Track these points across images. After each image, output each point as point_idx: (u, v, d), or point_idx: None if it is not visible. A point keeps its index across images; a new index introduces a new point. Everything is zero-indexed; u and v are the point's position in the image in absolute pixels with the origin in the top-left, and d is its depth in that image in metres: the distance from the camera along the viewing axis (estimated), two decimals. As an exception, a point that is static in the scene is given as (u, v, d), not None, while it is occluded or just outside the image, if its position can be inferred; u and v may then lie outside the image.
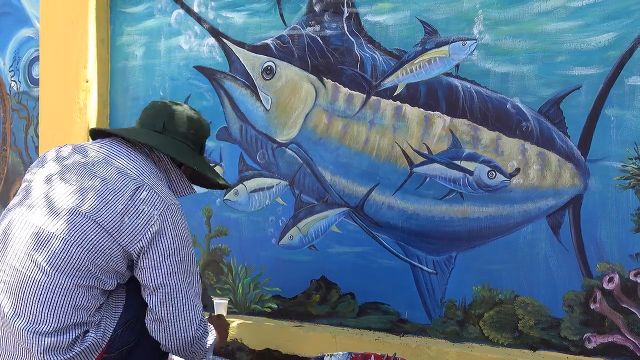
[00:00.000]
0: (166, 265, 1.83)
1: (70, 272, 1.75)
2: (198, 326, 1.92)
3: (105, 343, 1.86)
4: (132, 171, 1.86)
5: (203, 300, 2.09)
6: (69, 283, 1.75)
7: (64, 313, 1.75)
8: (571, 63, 2.29)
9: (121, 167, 1.86)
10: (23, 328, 1.73)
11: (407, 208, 2.55)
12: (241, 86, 2.84)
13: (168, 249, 1.83)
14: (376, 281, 2.61)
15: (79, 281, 1.76)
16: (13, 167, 3.68)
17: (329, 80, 2.66)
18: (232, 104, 2.86)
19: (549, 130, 2.33)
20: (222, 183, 2.18)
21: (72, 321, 1.76)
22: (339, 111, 2.64)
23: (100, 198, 1.79)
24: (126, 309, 1.92)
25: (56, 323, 1.74)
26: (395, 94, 2.55)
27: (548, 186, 2.35)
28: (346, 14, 2.63)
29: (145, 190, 1.82)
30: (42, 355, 1.73)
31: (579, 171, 2.30)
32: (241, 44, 2.85)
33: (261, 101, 2.80)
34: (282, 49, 2.75)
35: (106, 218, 1.77)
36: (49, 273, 1.74)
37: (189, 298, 1.89)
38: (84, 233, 1.76)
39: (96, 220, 1.77)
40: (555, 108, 2.32)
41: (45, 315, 1.74)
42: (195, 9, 2.95)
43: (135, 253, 1.81)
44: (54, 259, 1.74)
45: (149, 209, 1.80)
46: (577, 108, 2.29)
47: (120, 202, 1.79)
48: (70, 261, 1.75)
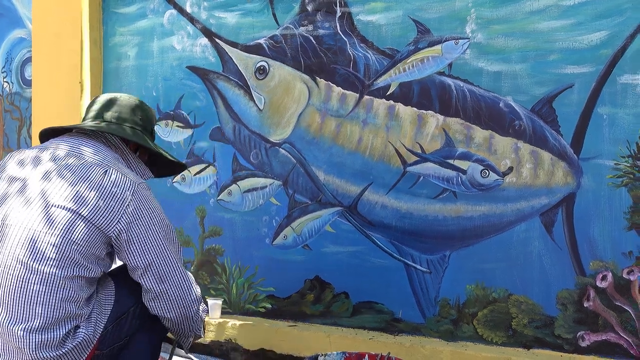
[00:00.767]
0: (151, 240, 1.89)
1: (52, 264, 1.75)
2: (195, 289, 2.01)
3: (96, 339, 1.86)
4: (95, 158, 1.91)
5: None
6: (53, 276, 1.75)
7: (52, 307, 1.75)
8: (563, 61, 2.30)
9: (85, 156, 1.90)
10: (13, 327, 1.73)
11: (401, 207, 2.54)
12: (234, 86, 2.83)
13: (148, 225, 1.89)
14: (370, 280, 2.61)
15: (63, 272, 1.76)
16: (6, 169, 3.66)
17: (322, 79, 2.66)
18: (225, 104, 2.85)
19: (542, 128, 2.33)
20: (177, 161, 2.23)
21: (61, 315, 1.76)
22: (332, 111, 2.64)
23: (71, 187, 1.82)
24: (116, 305, 1.93)
25: (45, 318, 1.74)
26: (388, 93, 2.55)
27: (541, 185, 2.35)
28: (339, 14, 2.63)
29: (112, 173, 1.87)
30: (35, 353, 1.73)
31: (572, 169, 2.30)
32: (234, 44, 2.85)
33: (254, 101, 2.79)
34: (275, 49, 2.75)
35: (81, 205, 1.80)
36: (32, 268, 1.74)
37: (178, 266, 1.96)
38: (62, 223, 1.78)
39: (71, 209, 1.79)
40: (547, 107, 2.32)
41: (33, 311, 1.74)
42: (187, 9, 2.94)
43: (114, 236, 1.83)
44: (35, 254, 1.75)
45: (121, 190, 1.85)
46: (570, 106, 2.30)
47: (91, 188, 1.82)
48: (51, 253, 1.75)
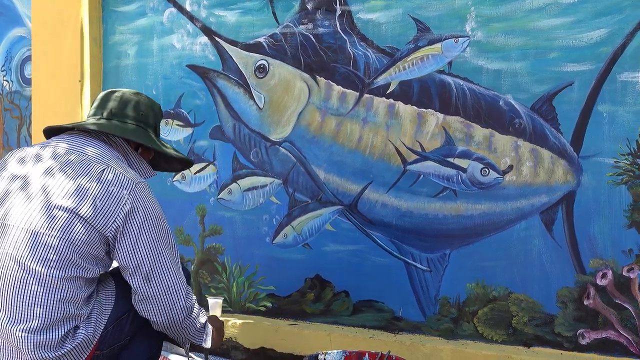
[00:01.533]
0: (144, 241, 1.85)
1: (50, 265, 1.74)
2: (187, 296, 1.95)
3: (96, 339, 1.86)
4: (94, 156, 1.89)
5: (198, 301, 2.09)
6: (51, 276, 1.74)
7: (50, 308, 1.74)
8: (563, 59, 2.29)
9: (84, 155, 1.88)
10: (12, 328, 1.73)
11: (401, 206, 2.55)
12: (234, 85, 2.83)
13: (143, 226, 1.85)
14: (370, 279, 2.61)
15: (61, 273, 1.75)
16: (6, 167, 3.67)
17: (322, 78, 2.66)
18: (225, 103, 2.85)
19: (542, 127, 2.33)
20: (182, 157, 2.20)
21: (60, 315, 1.75)
22: (332, 109, 2.64)
23: (70, 186, 1.80)
24: (117, 305, 1.93)
25: (43, 319, 1.73)
26: (388, 92, 2.55)
27: (541, 183, 2.35)
28: (339, 12, 2.63)
29: (110, 172, 1.84)
30: (34, 353, 1.73)
31: (572, 168, 2.30)
32: (234, 43, 2.84)
33: (254, 100, 2.79)
34: (275, 47, 2.75)
35: (78, 205, 1.78)
36: (30, 269, 1.74)
37: (172, 270, 1.92)
38: (60, 224, 1.76)
39: (69, 209, 1.77)
40: (547, 105, 2.32)
41: (31, 312, 1.73)
42: (187, 8, 2.94)
43: (111, 236, 1.82)
44: (33, 254, 1.74)
45: (119, 190, 1.82)
46: (570, 104, 2.30)
47: (89, 187, 1.80)
48: (49, 254, 1.74)
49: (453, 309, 2.49)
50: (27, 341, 1.72)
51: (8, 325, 1.73)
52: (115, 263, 1.95)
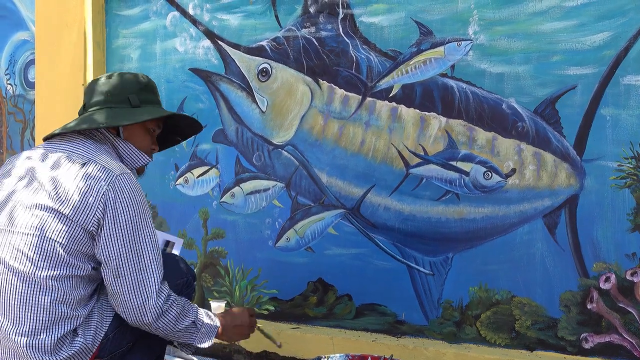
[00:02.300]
0: (118, 235, 1.79)
1: (39, 265, 1.73)
2: (157, 295, 1.84)
3: (96, 347, 1.83)
4: (77, 153, 1.86)
5: (201, 304, 2.07)
6: (41, 277, 1.72)
7: (42, 310, 1.73)
8: (566, 63, 2.29)
9: (66, 153, 1.87)
10: (10, 332, 1.73)
11: (404, 209, 2.54)
12: (237, 88, 2.84)
13: (120, 218, 1.79)
14: (373, 283, 2.61)
15: (51, 272, 1.73)
16: (9, 171, 3.67)
17: (325, 81, 2.66)
18: (228, 106, 2.86)
19: (545, 130, 2.33)
20: (182, 114, 2.16)
21: (52, 317, 1.73)
22: (335, 113, 2.64)
23: (50, 184, 1.79)
24: (117, 313, 1.88)
25: (35, 322, 1.72)
26: (390, 95, 2.55)
27: (544, 186, 2.34)
28: (341, 16, 2.63)
29: (91, 165, 1.81)
30: (29, 355, 1.71)
31: (575, 171, 2.30)
32: (237, 46, 2.85)
33: (257, 103, 2.79)
34: (278, 51, 2.75)
35: (59, 201, 1.76)
36: (18, 270, 1.73)
37: (146, 267, 1.82)
38: (40, 222, 1.75)
39: (48, 206, 1.76)
40: (550, 108, 2.32)
41: (23, 315, 1.72)
42: (190, 12, 2.95)
43: (94, 230, 1.77)
44: (20, 256, 1.74)
45: (97, 183, 1.78)
46: (573, 108, 2.29)
47: (69, 183, 1.78)
48: (36, 254, 1.73)
49: (456, 313, 2.48)
50: (21, 345, 1.71)
51: (5, 328, 1.73)
52: None
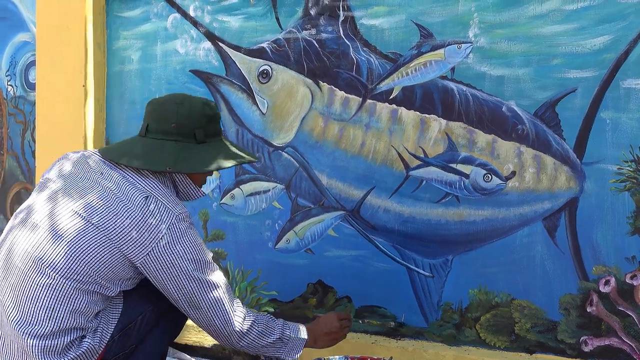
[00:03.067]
0: (181, 276, 1.84)
1: (72, 277, 1.75)
2: (232, 322, 1.94)
3: (102, 348, 1.86)
4: (138, 181, 1.86)
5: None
6: (70, 287, 1.75)
7: (61, 316, 1.75)
8: (566, 66, 2.29)
9: (127, 178, 1.86)
10: (19, 329, 1.74)
11: (404, 211, 2.54)
12: (237, 90, 2.84)
13: (178, 261, 1.83)
14: (373, 285, 2.61)
15: (81, 286, 1.76)
16: (10, 172, 3.68)
17: (325, 83, 2.66)
18: (229, 108, 2.86)
19: (545, 133, 2.33)
20: (231, 164, 2.01)
21: (68, 325, 1.76)
22: (335, 114, 2.64)
23: (108, 209, 1.79)
24: (124, 315, 1.92)
25: (51, 326, 1.74)
26: (391, 97, 2.55)
27: (544, 189, 2.34)
28: (342, 18, 2.63)
29: (153, 202, 1.82)
30: (37, 356, 1.74)
31: (575, 174, 2.30)
32: (237, 48, 2.85)
33: (257, 105, 2.79)
34: (278, 53, 2.76)
35: (113, 231, 1.77)
36: (50, 276, 1.75)
37: (213, 300, 1.89)
38: (90, 242, 1.77)
39: (103, 231, 1.77)
40: (550, 111, 2.32)
41: (41, 317, 1.74)
42: (191, 13, 2.95)
43: (140, 264, 1.81)
44: (57, 263, 1.75)
45: (157, 223, 1.80)
46: (573, 111, 2.29)
47: (128, 215, 1.78)
48: (72, 267, 1.75)
49: (455, 315, 2.49)
50: (31, 344, 1.73)
51: (18, 326, 1.75)
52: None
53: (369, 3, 2.58)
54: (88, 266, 1.76)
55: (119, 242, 1.78)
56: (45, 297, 1.75)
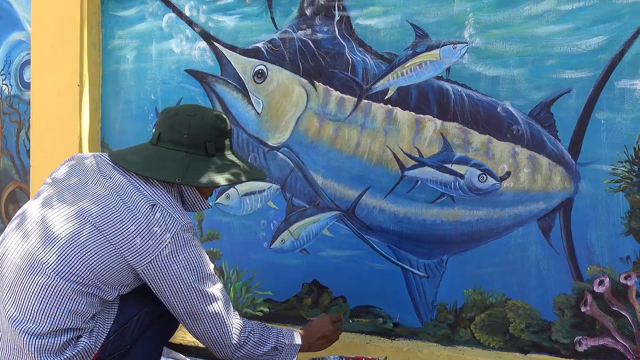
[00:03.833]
0: (181, 286, 1.85)
1: (71, 278, 1.75)
2: (229, 334, 1.94)
3: (97, 348, 1.87)
4: (146, 189, 1.86)
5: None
6: (69, 288, 1.75)
7: (59, 316, 1.75)
8: (561, 66, 2.30)
9: (135, 185, 1.86)
10: (17, 327, 1.74)
11: (399, 211, 2.54)
12: (232, 90, 2.83)
13: (180, 271, 1.83)
14: (367, 285, 2.61)
15: (80, 287, 1.77)
16: (4, 171, 3.67)
17: (320, 83, 2.66)
18: (224, 108, 2.85)
19: (540, 133, 2.34)
20: (242, 180, 2.03)
21: (66, 325, 1.76)
22: (330, 115, 2.64)
23: (114, 214, 1.79)
24: (120, 315, 1.93)
25: (49, 325, 1.74)
26: (386, 98, 2.55)
27: (539, 189, 2.35)
28: (337, 18, 2.63)
29: (159, 210, 1.82)
30: (33, 355, 1.74)
31: (570, 174, 2.31)
32: (232, 48, 2.84)
33: (252, 105, 2.79)
34: (274, 53, 2.75)
35: (117, 236, 1.77)
36: (50, 276, 1.75)
37: (211, 312, 1.90)
38: (93, 245, 1.77)
39: (106, 235, 1.77)
40: (545, 111, 2.32)
41: (39, 316, 1.74)
42: (186, 13, 2.94)
43: (142, 272, 1.81)
44: (57, 263, 1.75)
45: (162, 231, 1.80)
46: (568, 111, 2.30)
47: (133, 222, 1.78)
48: (72, 268, 1.75)
49: (450, 315, 2.49)
50: (29, 344, 1.73)
51: (16, 324, 1.75)
52: None
53: (365, 3, 2.58)
54: (89, 269, 1.76)
55: (122, 248, 1.78)
56: (44, 297, 1.74)
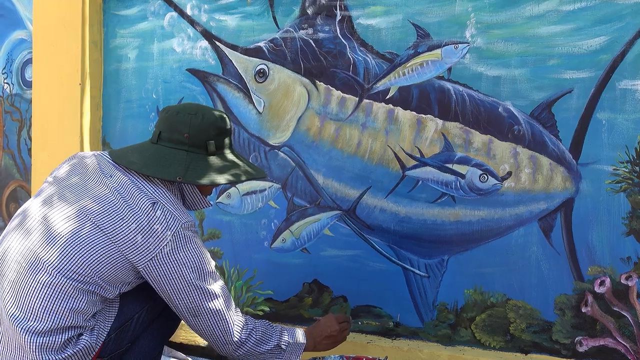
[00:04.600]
0: (182, 284, 1.86)
1: (72, 276, 1.76)
2: (231, 332, 1.95)
3: (98, 346, 1.87)
4: (147, 187, 1.87)
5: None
6: (70, 286, 1.76)
7: (60, 314, 1.76)
8: (563, 67, 2.30)
9: (136, 183, 1.87)
10: (18, 325, 1.75)
11: (399, 211, 2.54)
12: (234, 89, 2.83)
13: (181, 268, 1.84)
14: (368, 284, 2.61)
15: (81, 285, 1.77)
16: (6, 170, 3.67)
17: (322, 83, 2.66)
18: (225, 107, 2.85)
19: (541, 133, 2.33)
20: (243, 180, 2.03)
21: (67, 323, 1.77)
22: (332, 114, 2.64)
23: (115, 212, 1.80)
24: (120, 314, 1.93)
25: (50, 323, 1.75)
26: (387, 97, 2.55)
27: (540, 190, 2.35)
28: (339, 17, 2.63)
29: (159, 208, 1.83)
30: (34, 353, 1.74)
31: (571, 175, 2.30)
32: (234, 47, 2.84)
33: (254, 104, 2.79)
34: (275, 52, 2.75)
35: (119, 234, 1.78)
36: (51, 273, 1.75)
37: (212, 310, 1.91)
38: (94, 244, 1.78)
39: (108, 234, 1.78)
40: (547, 112, 2.32)
41: (40, 314, 1.75)
42: (188, 12, 2.95)
43: (142, 269, 1.82)
44: (59, 261, 1.76)
45: (163, 229, 1.81)
46: (569, 112, 2.30)
47: (134, 220, 1.79)
48: (73, 266, 1.76)
49: (451, 315, 2.49)
50: (30, 342, 1.74)
51: (17, 322, 1.75)
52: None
53: (366, 3, 2.58)
54: (90, 267, 1.77)
55: (123, 246, 1.79)
56: (45, 295, 1.75)
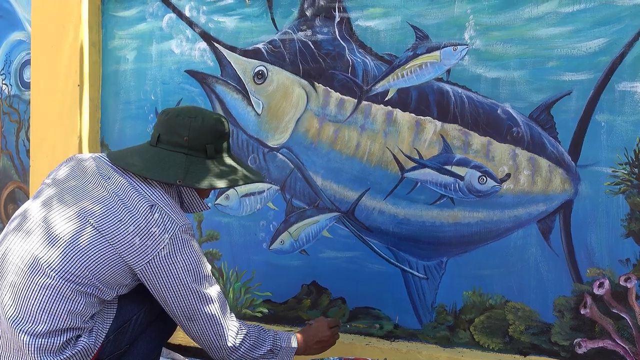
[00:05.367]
0: (178, 287, 1.85)
1: (70, 278, 1.76)
2: (225, 338, 1.94)
3: (97, 348, 1.87)
4: (145, 190, 1.86)
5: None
6: (68, 288, 1.76)
7: (58, 316, 1.75)
8: (562, 69, 2.30)
9: (134, 185, 1.86)
10: (16, 327, 1.74)
11: (398, 213, 2.54)
12: (232, 90, 2.83)
13: (177, 271, 1.84)
14: (367, 286, 2.60)
15: (79, 287, 1.77)
16: (4, 171, 3.66)
17: (321, 84, 2.66)
18: (224, 109, 2.85)
19: (540, 135, 2.33)
20: (241, 183, 2.03)
21: (65, 325, 1.77)
22: (330, 116, 2.64)
23: (113, 215, 1.79)
24: (119, 315, 1.93)
25: (48, 325, 1.75)
26: (386, 99, 2.55)
27: (538, 191, 2.35)
28: (337, 19, 2.63)
29: (157, 211, 1.82)
30: (33, 355, 1.74)
31: (570, 176, 2.30)
32: (233, 48, 2.84)
33: (252, 106, 2.79)
34: (274, 54, 2.75)
35: (116, 236, 1.78)
36: (50, 275, 1.75)
37: (207, 314, 1.91)
38: (91, 246, 1.77)
39: (106, 236, 1.78)
40: (545, 113, 2.32)
41: (38, 316, 1.75)
42: (186, 13, 2.94)
43: (139, 271, 1.82)
44: (58, 264, 1.75)
45: (160, 232, 1.80)
46: (568, 113, 2.30)
47: (132, 222, 1.79)
48: (71, 268, 1.76)
49: (449, 317, 2.49)
50: (29, 343, 1.74)
51: (15, 324, 1.75)
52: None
53: (365, 4, 2.58)
54: (87, 269, 1.76)
55: (121, 248, 1.78)
56: (43, 297, 1.75)
